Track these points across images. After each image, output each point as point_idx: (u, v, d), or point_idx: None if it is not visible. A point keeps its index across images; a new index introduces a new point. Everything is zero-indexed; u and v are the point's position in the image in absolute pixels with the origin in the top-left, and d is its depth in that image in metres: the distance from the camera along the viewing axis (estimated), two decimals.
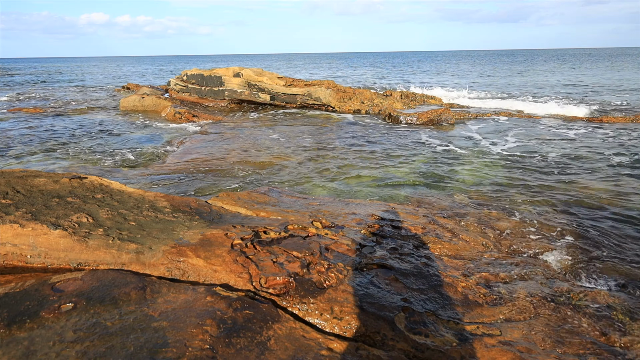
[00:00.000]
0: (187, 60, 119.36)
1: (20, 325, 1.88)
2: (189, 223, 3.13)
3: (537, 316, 2.55)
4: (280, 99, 13.16)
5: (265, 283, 2.48)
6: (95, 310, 2.02)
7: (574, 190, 5.64)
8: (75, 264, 2.55)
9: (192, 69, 15.03)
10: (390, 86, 22.31)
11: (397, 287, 2.79)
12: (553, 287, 2.97)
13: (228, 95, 13.53)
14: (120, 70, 50.33)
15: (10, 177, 3.29)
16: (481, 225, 4.26)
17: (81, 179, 3.51)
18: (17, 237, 2.55)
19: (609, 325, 2.49)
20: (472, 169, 6.80)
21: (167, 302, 2.16)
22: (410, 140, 9.15)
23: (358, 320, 2.34)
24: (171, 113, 12.38)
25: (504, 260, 3.33)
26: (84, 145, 8.99)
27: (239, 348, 1.88)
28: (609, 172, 6.36)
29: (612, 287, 3.14)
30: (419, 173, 6.62)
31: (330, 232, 3.39)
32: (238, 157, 7.67)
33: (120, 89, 20.99)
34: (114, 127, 11.17)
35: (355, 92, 13.81)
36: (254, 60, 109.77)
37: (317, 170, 6.77)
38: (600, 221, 4.49)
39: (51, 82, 29.60)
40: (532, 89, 20.24)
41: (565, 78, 26.22)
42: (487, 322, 2.49)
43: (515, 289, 2.91)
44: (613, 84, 21.38)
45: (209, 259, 2.61)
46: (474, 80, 25.63)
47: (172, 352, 1.75)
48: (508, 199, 5.27)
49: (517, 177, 6.27)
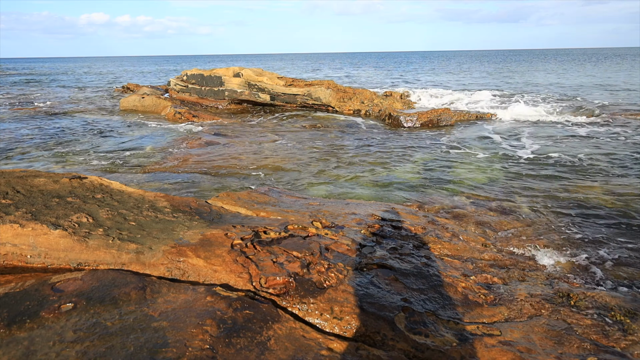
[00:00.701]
0: (187, 60, 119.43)
1: (20, 325, 1.88)
2: (189, 223, 3.13)
3: (537, 316, 2.55)
4: (280, 99, 13.16)
5: (265, 283, 2.48)
6: (95, 310, 2.02)
7: (576, 191, 5.65)
8: (75, 264, 2.55)
9: (192, 69, 15.04)
10: (420, 84, 21.75)
11: (397, 287, 2.79)
12: (553, 287, 2.97)
13: (228, 95, 13.53)
14: (120, 70, 50.36)
15: (10, 177, 3.29)
16: (481, 225, 4.26)
17: (81, 179, 3.51)
18: (17, 237, 2.55)
19: (609, 326, 2.49)
20: (472, 168, 6.81)
21: (167, 302, 2.16)
22: (410, 140, 9.16)
23: (358, 320, 2.35)
24: (171, 113, 12.38)
25: (504, 261, 3.33)
26: (83, 145, 8.99)
27: (239, 348, 1.88)
28: (613, 173, 6.37)
29: (612, 288, 3.14)
30: (418, 173, 6.62)
31: (330, 232, 3.39)
32: (238, 159, 7.68)
33: (120, 89, 20.99)
34: (114, 127, 11.16)
35: (355, 92, 13.81)
36: (254, 60, 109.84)
37: (317, 171, 6.77)
38: (599, 221, 4.49)
39: (51, 82, 29.61)
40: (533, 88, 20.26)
41: (564, 79, 26.24)
42: (487, 322, 2.49)
43: (515, 289, 2.91)
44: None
45: (209, 259, 2.61)
46: (485, 82, 25.58)
47: (172, 352, 1.75)
48: (509, 198, 5.27)
49: (518, 176, 6.27)
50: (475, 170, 6.73)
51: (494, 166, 6.91)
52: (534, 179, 6.12)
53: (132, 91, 18.34)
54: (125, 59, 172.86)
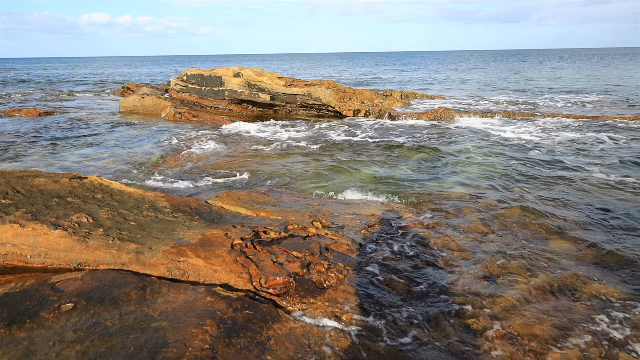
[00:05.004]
0: (187, 60, 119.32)
1: (20, 325, 1.88)
2: (189, 223, 3.13)
3: (540, 307, 2.56)
4: (280, 99, 13.16)
5: (265, 283, 2.48)
6: (95, 310, 2.02)
7: (576, 183, 5.68)
8: (75, 264, 2.55)
9: (192, 69, 15.03)
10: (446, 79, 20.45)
11: (397, 286, 2.79)
12: (555, 278, 2.98)
13: (228, 95, 13.53)
14: (121, 70, 50.37)
15: (10, 177, 3.30)
16: (482, 219, 4.26)
17: (81, 179, 3.51)
18: (17, 237, 2.55)
19: (610, 316, 2.51)
20: (471, 166, 6.81)
21: (167, 302, 2.16)
22: (409, 139, 9.16)
23: (358, 320, 2.35)
24: (171, 113, 12.38)
25: (506, 253, 3.33)
26: (83, 145, 8.99)
27: (239, 348, 1.88)
28: (614, 165, 6.37)
29: (614, 279, 3.14)
30: (418, 172, 6.62)
31: (330, 232, 3.39)
32: (238, 159, 7.68)
33: (120, 89, 20.99)
34: (114, 127, 11.17)
35: (355, 92, 13.81)
36: (254, 60, 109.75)
37: (317, 171, 6.77)
38: (601, 213, 4.49)
39: (50, 82, 29.60)
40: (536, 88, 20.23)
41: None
42: (489, 314, 2.50)
43: (517, 280, 2.92)
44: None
45: (209, 259, 2.61)
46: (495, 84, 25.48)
47: (172, 352, 1.75)
48: (510, 192, 5.28)
49: (518, 172, 6.27)
50: (475, 166, 6.74)
51: (494, 162, 6.91)
52: (534, 173, 6.12)
53: (132, 91, 18.33)
54: (126, 59, 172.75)
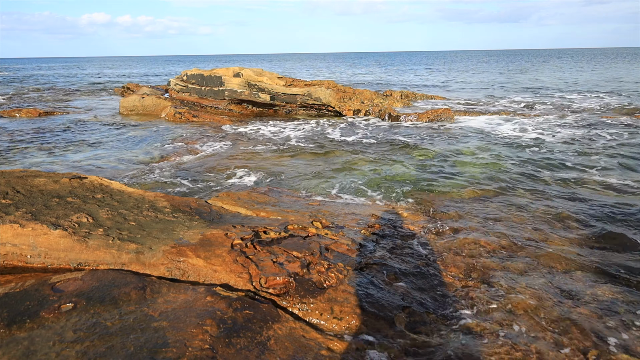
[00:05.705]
0: (187, 60, 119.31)
1: (20, 325, 1.88)
2: (189, 223, 3.13)
3: (539, 310, 2.56)
4: (280, 99, 13.16)
5: (265, 283, 2.48)
6: (95, 310, 2.02)
7: (578, 185, 5.67)
8: (75, 264, 2.55)
9: (192, 69, 15.03)
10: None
11: (397, 287, 2.79)
12: (555, 281, 2.97)
13: (228, 95, 13.53)
14: (121, 70, 50.38)
15: (10, 177, 3.30)
16: (482, 220, 4.26)
17: (81, 179, 3.51)
18: (17, 237, 2.55)
19: (610, 319, 2.50)
20: (472, 166, 6.81)
21: (167, 302, 2.16)
22: (410, 139, 9.16)
23: (358, 320, 2.35)
24: (171, 113, 12.39)
25: (505, 255, 3.33)
26: (83, 145, 8.99)
27: (239, 348, 1.88)
28: (619, 167, 6.37)
29: (613, 282, 3.14)
30: (418, 172, 6.62)
31: (330, 232, 3.39)
32: (238, 160, 7.68)
33: (120, 89, 20.98)
34: (114, 127, 11.17)
35: (355, 92, 13.81)
36: (254, 60, 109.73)
37: (317, 170, 6.77)
38: (601, 214, 4.49)
39: (50, 82, 29.60)
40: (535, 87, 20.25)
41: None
42: (487, 317, 2.50)
43: (517, 283, 2.92)
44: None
45: (209, 259, 2.61)
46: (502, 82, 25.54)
47: (172, 352, 1.75)
48: (509, 194, 5.27)
49: (518, 172, 6.27)
50: (475, 167, 6.73)
51: (494, 163, 6.91)
52: (535, 174, 6.12)
53: (132, 91, 18.32)
54: (126, 59, 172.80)
